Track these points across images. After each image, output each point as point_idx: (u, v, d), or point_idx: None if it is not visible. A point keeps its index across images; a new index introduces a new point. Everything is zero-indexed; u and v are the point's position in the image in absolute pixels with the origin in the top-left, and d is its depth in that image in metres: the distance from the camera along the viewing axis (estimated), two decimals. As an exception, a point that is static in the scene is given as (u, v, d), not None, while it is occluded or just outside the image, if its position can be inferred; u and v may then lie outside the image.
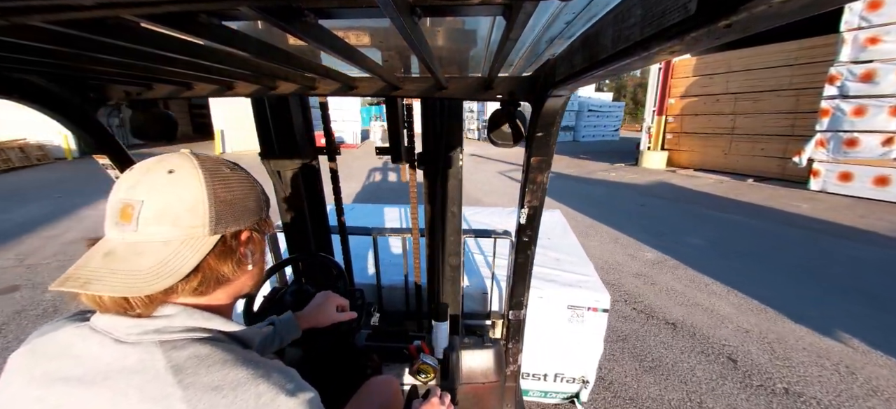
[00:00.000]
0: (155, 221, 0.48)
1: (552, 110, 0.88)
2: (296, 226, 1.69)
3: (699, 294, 3.49)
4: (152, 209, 0.48)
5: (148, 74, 0.84)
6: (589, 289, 1.91)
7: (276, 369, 0.52)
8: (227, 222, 0.53)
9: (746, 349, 2.71)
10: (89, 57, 0.64)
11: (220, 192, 0.52)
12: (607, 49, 0.45)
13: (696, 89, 10.46)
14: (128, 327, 0.49)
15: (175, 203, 0.49)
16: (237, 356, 0.50)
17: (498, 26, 0.68)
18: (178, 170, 0.51)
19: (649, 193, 7.66)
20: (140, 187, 0.49)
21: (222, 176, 0.53)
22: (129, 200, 0.48)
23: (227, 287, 0.57)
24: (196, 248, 0.50)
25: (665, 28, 0.32)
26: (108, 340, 0.48)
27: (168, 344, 0.48)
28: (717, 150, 10.07)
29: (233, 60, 0.72)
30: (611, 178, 9.42)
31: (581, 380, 2.01)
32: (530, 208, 1.11)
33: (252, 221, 0.57)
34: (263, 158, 1.53)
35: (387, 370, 1.57)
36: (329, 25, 0.56)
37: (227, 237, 0.53)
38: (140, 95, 1.04)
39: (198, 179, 0.51)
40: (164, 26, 0.45)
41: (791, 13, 0.26)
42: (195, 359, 0.48)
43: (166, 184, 0.49)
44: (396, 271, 2.09)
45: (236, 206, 0.54)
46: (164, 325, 0.49)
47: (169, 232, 0.49)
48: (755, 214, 6.10)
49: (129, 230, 0.48)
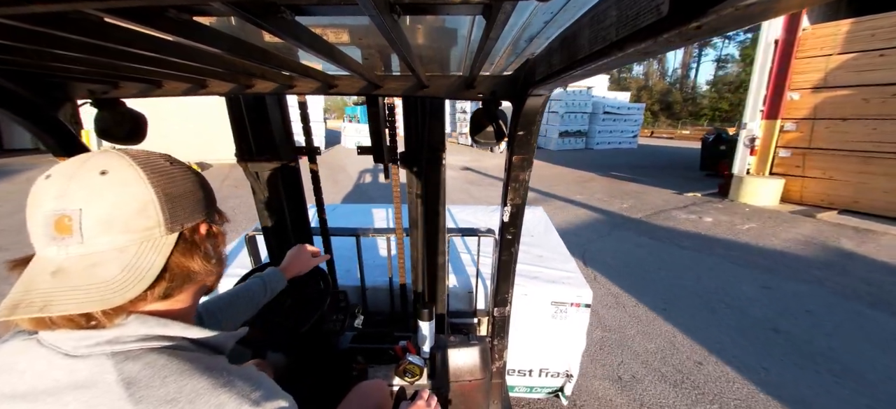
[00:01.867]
0: (102, 229, 0.44)
1: (533, 109, 0.89)
2: (276, 228, 1.65)
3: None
4: (95, 217, 0.44)
5: (114, 71, 0.80)
6: (572, 285, 1.94)
7: (242, 376, 0.49)
8: (183, 217, 0.50)
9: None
10: (49, 53, 0.60)
11: (167, 187, 0.48)
12: (585, 49, 0.46)
13: (847, 75, 5.96)
14: (77, 339, 0.45)
15: (121, 206, 0.45)
16: (198, 365, 0.47)
17: (478, 25, 0.68)
18: (112, 170, 0.46)
19: (805, 274, 3.85)
20: (72, 195, 0.44)
21: (163, 170, 0.49)
22: (62, 210, 0.43)
23: (194, 286, 0.54)
24: (158, 249, 0.47)
25: (639, 29, 0.33)
26: (56, 354, 0.45)
27: (121, 356, 0.45)
28: (889, 180, 5.68)
29: (205, 58, 0.70)
30: (693, 225, 5.49)
31: (565, 374, 2.05)
32: (513, 206, 1.12)
33: (206, 213, 0.54)
34: (240, 159, 1.48)
35: (372, 371, 1.56)
36: (306, 22, 0.55)
37: (187, 233, 0.50)
38: (105, 93, 0.99)
39: (138, 176, 0.46)
40: (131, 21, 0.43)
41: (757, 15, 0.27)
42: (150, 370, 0.44)
43: (104, 187, 0.45)
44: (381, 271, 2.07)
45: (187, 199, 0.51)
46: (117, 335, 0.46)
47: (122, 239, 0.45)
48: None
49: (72, 243, 0.43)
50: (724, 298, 3.39)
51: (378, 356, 1.53)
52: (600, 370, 2.51)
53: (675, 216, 6.14)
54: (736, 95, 35.99)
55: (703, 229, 5.46)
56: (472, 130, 1.01)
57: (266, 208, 1.60)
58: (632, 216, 6.14)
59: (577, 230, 5.37)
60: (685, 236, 5.14)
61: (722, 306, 3.24)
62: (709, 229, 5.42)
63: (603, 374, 2.47)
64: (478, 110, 0.99)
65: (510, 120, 0.97)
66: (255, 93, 0.98)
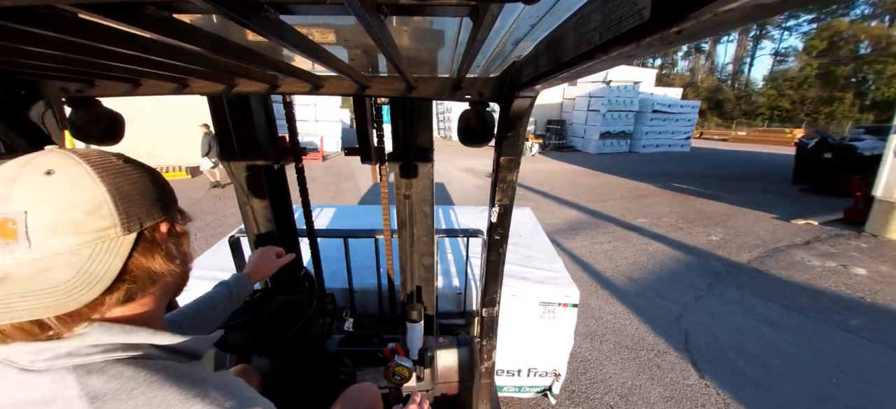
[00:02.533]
0: (51, 232, 0.41)
1: (520, 110, 0.90)
2: (260, 230, 1.62)
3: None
4: (42, 220, 0.41)
5: (88, 69, 0.77)
6: (560, 285, 1.97)
7: (216, 384, 0.47)
8: (140, 215, 0.47)
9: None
10: (19, 49, 0.58)
11: (122, 185, 0.46)
12: (570, 52, 0.47)
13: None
14: (33, 353, 0.42)
15: (69, 208, 0.42)
16: (168, 375, 0.45)
17: (465, 27, 0.69)
18: (59, 169, 0.43)
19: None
20: (15, 198, 0.41)
21: (116, 168, 0.47)
22: (5, 214, 0.40)
23: (158, 289, 0.51)
24: (114, 250, 0.44)
25: (622, 33, 0.33)
26: (10, 369, 0.42)
27: (82, 369, 0.42)
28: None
29: (186, 56, 0.68)
30: (840, 281, 3.59)
31: (553, 373, 2.07)
32: (501, 207, 1.13)
33: (166, 211, 0.51)
34: (223, 159, 1.45)
35: (361, 374, 1.54)
36: (291, 21, 0.54)
37: (147, 233, 0.48)
38: (80, 92, 0.96)
39: (87, 175, 0.44)
40: (107, 18, 0.42)
41: (736, 22, 0.28)
42: (115, 383, 0.42)
43: (50, 188, 0.42)
44: (369, 273, 2.06)
45: (145, 197, 0.48)
46: (77, 346, 0.43)
47: (74, 241, 0.42)
48: None
49: (19, 249, 0.40)
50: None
51: (366, 359, 1.52)
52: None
53: (800, 262, 4.06)
54: (798, 91, 33.15)
55: (860, 289, 3.40)
56: (460, 132, 1.01)
57: (250, 209, 1.57)
58: (733, 259, 4.16)
59: (659, 280, 3.52)
60: (839, 303, 3.15)
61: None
62: (872, 290, 3.38)
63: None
64: (466, 112, 0.99)
65: (498, 121, 0.98)
66: (238, 93, 0.96)
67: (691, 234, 5.06)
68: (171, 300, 1.20)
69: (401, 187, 1.49)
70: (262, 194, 1.55)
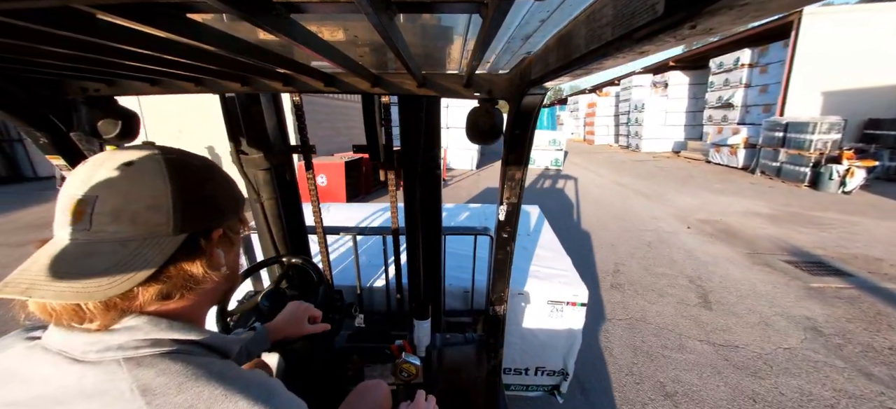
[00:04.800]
0: (111, 219, 0.44)
1: (529, 107, 0.90)
2: (270, 227, 1.65)
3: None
4: (108, 206, 0.44)
5: (107, 69, 0.79)
6: (568, 284, 1.95)
7: (255, 382, 0.49)
8: (196, 220, 0.48)
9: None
10: (40, 50, 0.59)
11: (187, 187, 0.48)
12: (581, 48, 0.46)
13: None
14: (86, 344, 0.44)
15: (133, 199, 0.45)
16: (212, 371, 0.46)
17: (474, 24, 0.68)
18: (137, 162, 0.46)
19: None
20: (94, 182, 0.44)
21: (190, 170, 0.49)
22: (82, 196, 0.44)
23: (197, 292, 0.52)
24: (160, 248, 0.45)
25: (634, 29, 0.33)
26: (63, 360, 0.43)
27: (133, 362, 0.44)
28: None
29: (200, 55, 0.69)
30: None
31: (561, 372, 2.06)
32: (509, 205, 1.12)
33: (224, 220, 0.53)
34: (234, 157, 1.48)
35: (368, 371, 1.56)
36: (301, 20, 0.54)
37: (196, 237, 0.49)
38: (98, 91, 0.98)
39: (160, 172, 0.46)
40: (123, 18, 0.43)
41: (750, 17, 0.27)
42: (165, 378, 0.43)
43: (123, 178, 0.45)
44: (377, 270, 2.07)
45: (206, 203, 0.50)
46: (127, 339, 0.45)
47: (127, 231, 0.44)
48: None
49: (80, 230, 0.43)
50: None
51: (374, 356, 1.53)
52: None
53: None
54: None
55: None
56: (468, 130, 1.01)
57: (260, 206, 1.60)
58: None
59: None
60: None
61: None
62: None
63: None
64: (474, 109, 0.99)
65: (506, 119, 0.97)
66: (251, 91, 0.97)
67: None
68: (223, 306, 1.19)
69: (409, 185, 1.49)
70: (272, 191, 1.56)
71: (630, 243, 4.98)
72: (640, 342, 2.86)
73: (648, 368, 2.57)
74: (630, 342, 2.84)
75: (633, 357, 2.68)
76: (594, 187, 8.73)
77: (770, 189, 8.46)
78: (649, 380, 2.46)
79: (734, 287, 3.72)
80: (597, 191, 8.32)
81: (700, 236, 5.24)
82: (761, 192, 8.19)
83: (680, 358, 2.66)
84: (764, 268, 4.17)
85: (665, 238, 5.18)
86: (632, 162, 13.31)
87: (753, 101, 12.21)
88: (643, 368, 2.57)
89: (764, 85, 11.76)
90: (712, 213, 6.46)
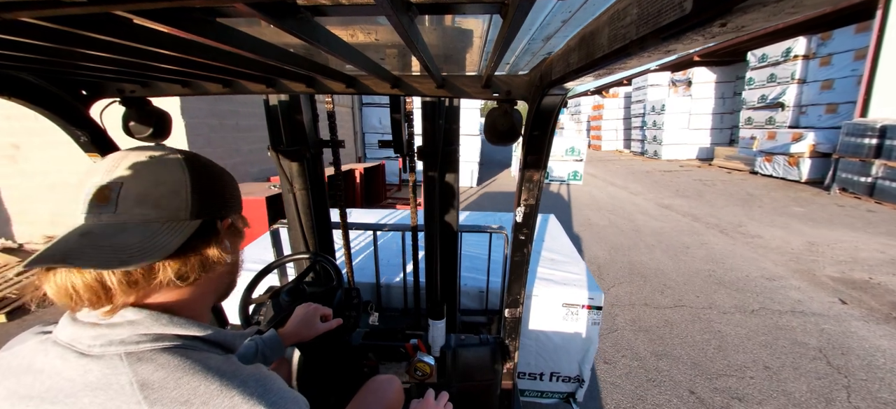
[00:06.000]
0: (136, 202, 0.47)
1: (549, 108, 0.88)
2: (299, 220, 1.72)
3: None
4: (133, 191, 0.48)
5: (143, 71, 0.83)
6: (583, 287, 1.92)
7: (254, 377, 0.50)
8: (209, 208, 0.53)
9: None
10: (81, 53, 0.63)
11: (202, 179, 0.52)
12: (603, 48, 0.45)
13: None
14: (91, 338, 0.46)
15: (156, 186, 0.49)
16: (211, 365, 0.48)
17: (494, 25, 0.68)
18: (158, 155, 0.51)
19: None
20: (118, 171, 0.48)
21: (203, 165, 0.54)
22: (107, 183, 0.48)
23: (207, 278, 0.54)
24: (179, 230, 0.49)
25: (660, 27, 0.32)
26: (71, 353, 0.46)
27: (133, 356, 0.45)
28: None
29: (230, 58, 0.72)
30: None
31: (577, 379, 2.02)
32: (526, 207, 1.11)
33: (231, 211, 0.57)
34: (272, 150, 1.59)
35: (383, 368, 1.57)
36: (324, 23, 0.56)
37: (210, 223, 0.53)
38: (134, 92, 1.03)
39: (179, 165, 0.51)
40: (158, 23, 0.45)
41: (784, 14, 0.26)
42: (163, 372, 0.45)
43: (146, 168, 0.49)
44: (395, 268, 2.09)
45: (217, 195, 0.54)
46: (129, 334, 0.47)
47: (150, 213, 0.48)
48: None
49: (106, 212, 0.47)
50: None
51: (389, 354, 1.54)
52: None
53: None
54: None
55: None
56: (487, 131, 1.01)
57: (292, 197, 1.70)
58: None
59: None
60: None
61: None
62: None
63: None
64: (493, 110, 0.99)
65: (525, 120, 0.96)
66: (277, 92, 1.00)
67: None
68: (220, 310, 1.24)
69: (428, 182, 1.51)
70: (304, 183, 1.67)
71: (780, 351, 2.72)
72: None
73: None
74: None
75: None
76: (639, 213, 6.66)
77: (873, 215, 6.50)
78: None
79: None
80: (644, 220, 6.21)
81: (877, 323, 3.11)
82: (869, 219, 6.20)
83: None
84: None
85: (831, 336, 2.91)
86: (660, 173, 11.59)
87: (812, 99, 9.89)
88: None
89: (827, 80, 9.40)
90: (840, 262, 4.41)
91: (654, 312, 3.20)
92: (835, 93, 9.34)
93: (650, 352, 2.58)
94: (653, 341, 2.52)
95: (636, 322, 2.61)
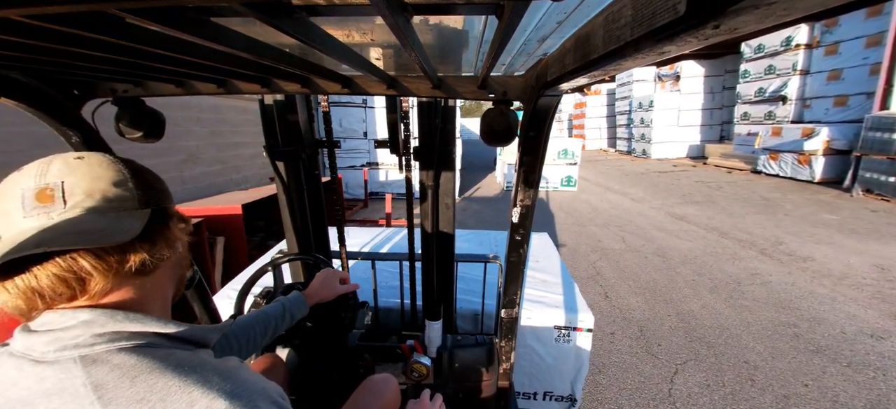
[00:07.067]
0: (85, 196, 0.47)
1: (545, 109, 0.89)
2: (295, 221, 1.73)
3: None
4: (78, 187, 0.47)
5: (136, 70, 0.82)
6: (575, 310, 1.95)
7: (217, 370, 0.48)
8: (155, 198, 0.54)
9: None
10: (73, 52, 0.62)
11: (137, 172, 0.53)
12: (599, 49, 0.45)
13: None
14: (45, 344, 0.45)
15: (98, 180, 0.48)
16: (170, 362, 0.46)
17: (490, 26, 0.68)
18: (86, 157, 0.50)
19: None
20: (51, 172, 0.47)
21: (128, 161, 0.54)
22: (44, 184, 0.46)
23: (160, 275, 0.54)
24: (137, 216, 0.50)
25: (655, 29, 0.32)
26: (26, 362, 0.45)
27: (88, 358, 0.44)
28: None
29: (225, 58, 0.71)
30: None
31: (569, 398, 2.04)
32: (523, 207, 1.12)
33: (171, 202, 0.58)
34: (267, 151, 1.59)
35: (379, 369, 1.57)
36: (321, 23, 0.55)
37: (159, 211, 0.54)
38: (127, 92, 1.02)
39: (109, 161, 0.51)
40: (151, 22, 0.44)
41: (776, 17, 0.26)
42: (118, 372, 0.43)
43: (80, 167, 0.48)
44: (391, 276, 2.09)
45: (155, 187, 0.55)
46: (83, 336, 0.45)
47: (103, 204, 0.48)
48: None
49: (56, 210, 0.45)
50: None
51: (385, 355, 1.54)
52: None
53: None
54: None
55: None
56: (483, 132, 1.01)
57: (286, 200, 1.70)
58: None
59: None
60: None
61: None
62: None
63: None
64: (489, 111, 0.99)
65: (521, 121, 0.97)
66: (272, 92, 0.99)
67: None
68: (214, 310, 1.26)
69: (425, 180, 1.53)
70: (299, 184, 1.68)
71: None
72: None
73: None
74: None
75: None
76: (653, 229, 5.61)
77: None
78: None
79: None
80: (662, 238, 5.17)
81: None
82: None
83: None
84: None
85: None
86: (655, 174, 10.69)
87: (817, 91, 9.00)
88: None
89: (834, 70, 8.50)
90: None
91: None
92: (844, 83, 8.44)
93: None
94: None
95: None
